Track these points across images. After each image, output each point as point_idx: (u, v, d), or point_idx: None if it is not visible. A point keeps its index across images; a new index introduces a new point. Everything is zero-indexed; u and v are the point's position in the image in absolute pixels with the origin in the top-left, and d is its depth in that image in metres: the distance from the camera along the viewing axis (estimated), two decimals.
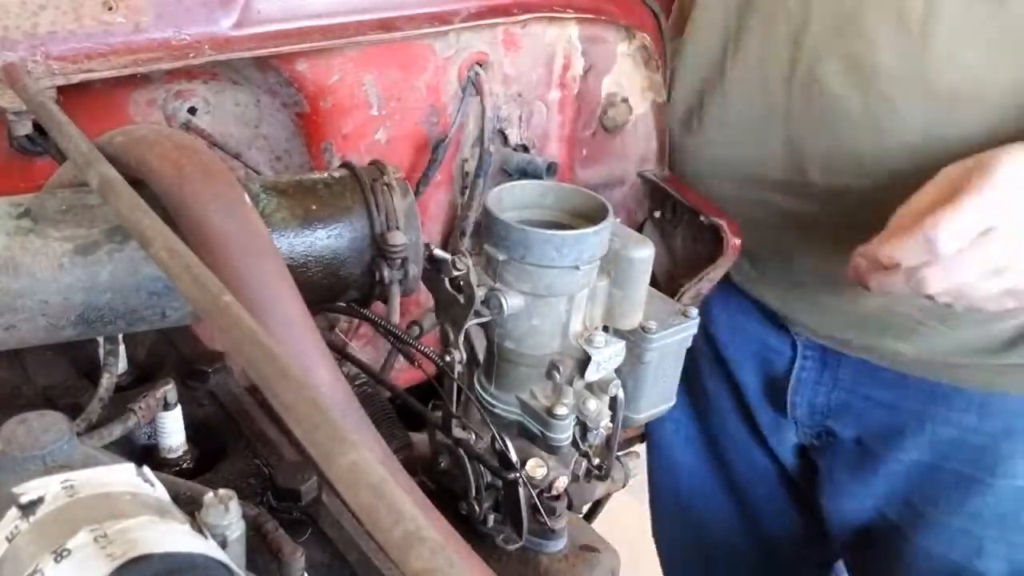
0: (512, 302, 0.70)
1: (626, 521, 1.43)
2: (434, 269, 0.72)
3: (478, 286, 0.70)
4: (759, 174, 0.96)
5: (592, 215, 0.72)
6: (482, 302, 0.70)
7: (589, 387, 0.74)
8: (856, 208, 0.90)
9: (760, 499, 1.25)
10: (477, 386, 0.78)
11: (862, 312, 0.97)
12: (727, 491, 1.27)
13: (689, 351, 0.80)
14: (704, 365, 1.21)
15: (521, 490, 0.74)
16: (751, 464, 1.22)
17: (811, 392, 1.09)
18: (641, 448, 1.34)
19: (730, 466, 1.25)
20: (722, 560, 1.33)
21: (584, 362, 0.72)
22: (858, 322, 0.99)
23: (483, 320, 0.72)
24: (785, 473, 1.20)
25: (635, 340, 0.75)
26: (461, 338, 0.73)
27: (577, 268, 0.69)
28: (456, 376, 0.75)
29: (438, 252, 0.72)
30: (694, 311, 0.78)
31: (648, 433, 1.35)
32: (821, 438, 1.12)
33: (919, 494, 1.03)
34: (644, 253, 0.73)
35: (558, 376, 0.72)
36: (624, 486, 0.95)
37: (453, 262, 0.70)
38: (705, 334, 1.17)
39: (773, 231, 1.00)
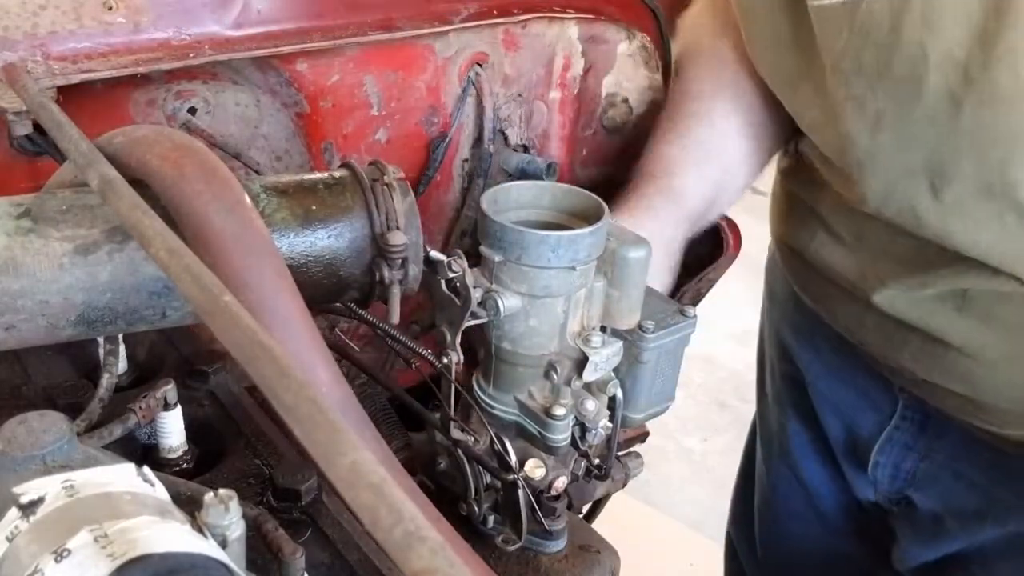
0: (508, 303, 0.70)
1: (626, 521, 1.43)
2: (430, 271, 0.72)
3: (474, 287, 0.70)
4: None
5: (588, 215, 0.72)
6: (479, 303, 0.70)
7: (587, 387, 0.74)
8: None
9: (841, 533, 1.19)
10: (475, 387, 0.78)
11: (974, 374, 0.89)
12: (816, 522, 1.21)
13: (765, 393, 0.76)
14: (787, 399, 1.15)
15: (520, 491, 0.74)
16: (828, 495, 1.16)
17: (899, 455, 1.03)
18: (641, 448, 1.34)
19: (813, 498, 1.20)
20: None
21: (582, 362, 0.72)
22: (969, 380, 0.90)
23: (480, 321, 0.72)
24: (863, 515, 1.14)
25: (633, 340, 0.75)
26: (458, 340, 0.73)
27: (573, 269, 0.69)
28: (453, 378, 0.75)
29: (434, 254, 0.72)
30: (692, 310, 0.78)
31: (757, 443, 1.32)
32: (900, 505, 1.06)
33: (994, 554, 0.97)
34: (641, 253, 0.73)
35: (556, 376, 0.72)
36: (624, 486, 0.95)
37: (449, 264, 0.70)
38: (789, 363, 1.13)
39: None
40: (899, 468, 1.04)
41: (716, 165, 0.99)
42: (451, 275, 0.70)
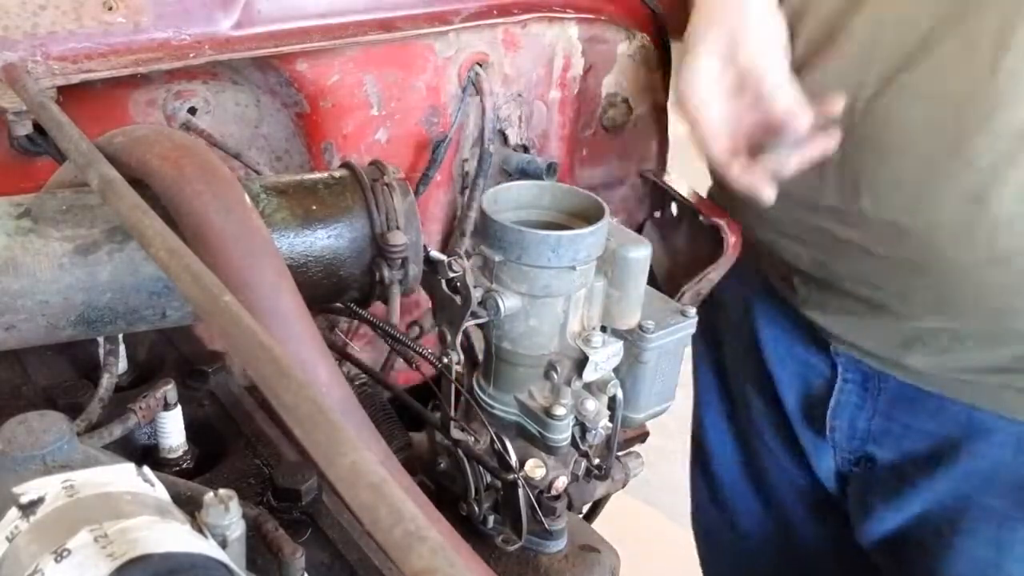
0: (509, 303, 0.70)
1: (626, 521, 1.43)
2: (431, 271, 0.72)
3: (475, 287, 0.70)
4: (811, 199, 0.95)
5: (588, 215, 0.72)
6: (479, 303, 0.70)
7: (587, 387, 0.74)
8: (907, 243, 0.88)
9: (798, 518, 1.23)
10: (476, 387, 0.78)
11: (906, 331, 0.96)
12: (765, 507, 1.26)
13: (729, 365, 0.78)
14: (748, 382, 1.20)
15: (520, 491, 0.74)
16: (790, 483, 1.20)
17: (851, 415, 1.07)
18: (642, 448, 1.34)
19: (769, 483, 1.24)
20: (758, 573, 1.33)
21: (582, 362, 0.72)
22: (901, 340, 0.97)
23: (480, 321, 0.71)
24: (823, 494, 1.18)
25: (633, 340, 0.75)
26: (458, 339, 0.73)
27: (573, 268, 0.69)
28: (454, 378, 0.75)
29: (434, 254, 0.72)
30: (692, 310, 0.78)
31: (693, 443, 1.35)
32: (860, 464, 1.10)
33: (950, 524, 1.02)
34: (641, 253, 0.73)
35: (556, 376, 0.72)
36: (624, 486, 0.95)
37: (449, 264, 0.70)
38: (751, 348, 1.16)
39: (824, 256, 0.98)
40: (854, 428, 1.08)
41: None
42: (452, 275, 0.70)
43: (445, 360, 0.75)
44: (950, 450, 1.00)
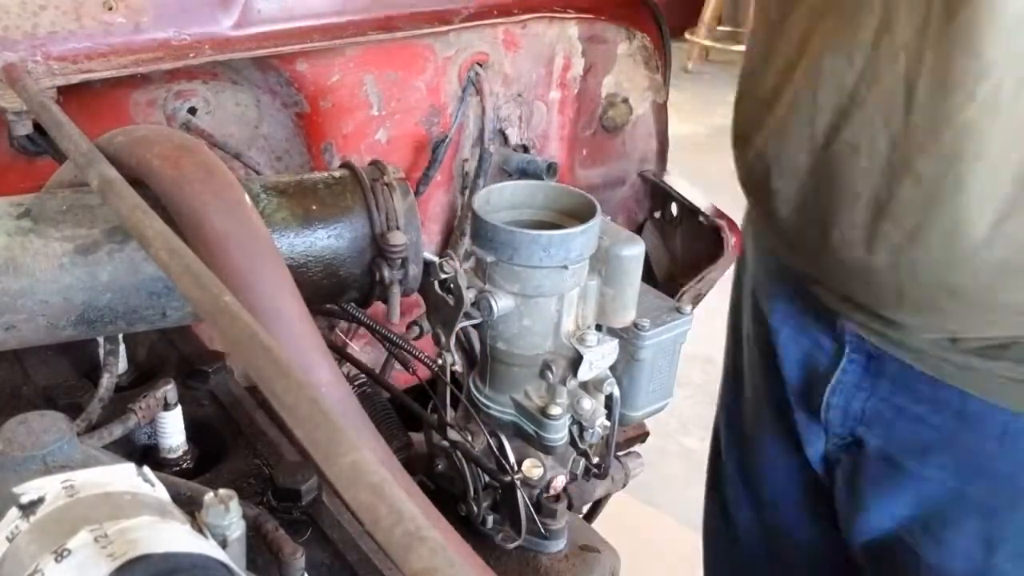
0: (502, 303, 0.70)
1: (626, 521, 1.44)
2: (424, 272, 0.72)
3: (468, 288, 0.70)
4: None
5: (581, 214, 0.72)
6: (472, 304, 0.70)
7: (584, 386, 0.74)
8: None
9: (784, 514, 1.24)
10: (472, 387, 0.78)
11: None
12: (758, 508, 1.27)
13: (740, 341, 0.78)
14: (755, 357, 1.21)
15: (518, 492, 0.74)
16: (780, 473, 1.21)
17: (849, 395, 1.08)
18: (642, 448, 1.34)
19: (762, 477, 1.25)
20: (744, 566, 1.34)
21: (577, 361, 0.72)
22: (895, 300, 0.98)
23: (474, 322, 0.71)
24: (812, 483, 1.19)
25: (629, 338, 0.75)
26: (452, 341, 0.72)
27: (565, 268, 0.69)
28: (448, 379, 0.75)
29: (426, 255, 0.72)
30: (688, 307, 0.78)
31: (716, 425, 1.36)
32: (849, 449, 1.10)
33: (938, 516, 1.03)
34: (634, 251, 0.72)
35: (551, 376, 0.72)
36: (624, 486, 0.95)
37: (441, 265, 0.70)
38: (761, 323, 1.18)
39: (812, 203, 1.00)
40: (849, 408, 1.08)
41: None
42: (444, 276, 0.70)
43: (439, 362, 0.75)
44: (939, 440, 1.00)
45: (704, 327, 0.86)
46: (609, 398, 0.75)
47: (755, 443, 1.24)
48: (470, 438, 0.76)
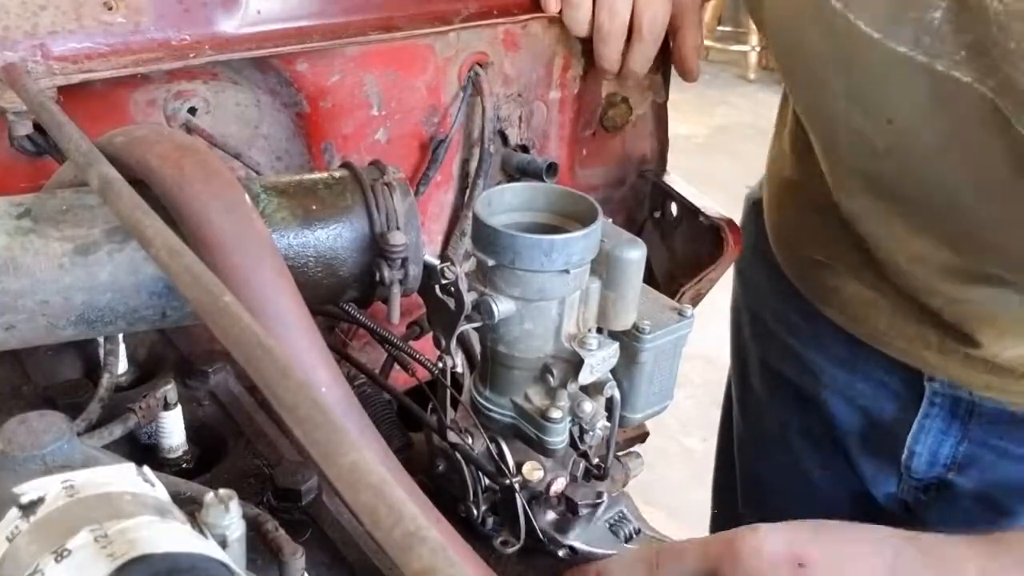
0: (503, 307, 0.70)
1: None
2: (424, 275, 0.72)
3: (468, 292, 0.69)
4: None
5: (582, 217, 0.72)
6: (473, 308, 0.70)
7: (584, 389, 0.74)
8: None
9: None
10: (472, 389, 0.78)
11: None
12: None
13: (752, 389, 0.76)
14: (785, 402, 1.15)
15: (517, 495, 0.74)
16: (837, 491, 1.14)
17: (936, 442, 1.01)
18: (642, 448, 1.34)
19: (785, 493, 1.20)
20: None
21: (578, 364, 0.72)
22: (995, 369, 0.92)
23: (474, 326, 0.71)
24: (863, 506, 1.11)
25: (629, 341, 0.75)
26: (453, 344, 0.72)
27: (567, 271, 0.68)
28: (448, 382, 0.75)
29: (428, 259, 0.72)
30: (689, 310, 0.78)
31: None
32: (929, 492, 1.05)
33: None
34: (635, 254, 0.72)
35: (552, 379, 0.72)
36: (624, 486, 0.95)
37: (442, 270, 0.69)
38: (794, 357, 1.13)
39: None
40: (937, 455, 1.02)
41: None
42: (444, 280, 0.70)
43: (439, 365, 0.74)
44: None
45: (704, 327, 0.86)
46: (610, 400, 0.74)
47: (785, 470, 1.19)
48: (470, 440, 0.76)
